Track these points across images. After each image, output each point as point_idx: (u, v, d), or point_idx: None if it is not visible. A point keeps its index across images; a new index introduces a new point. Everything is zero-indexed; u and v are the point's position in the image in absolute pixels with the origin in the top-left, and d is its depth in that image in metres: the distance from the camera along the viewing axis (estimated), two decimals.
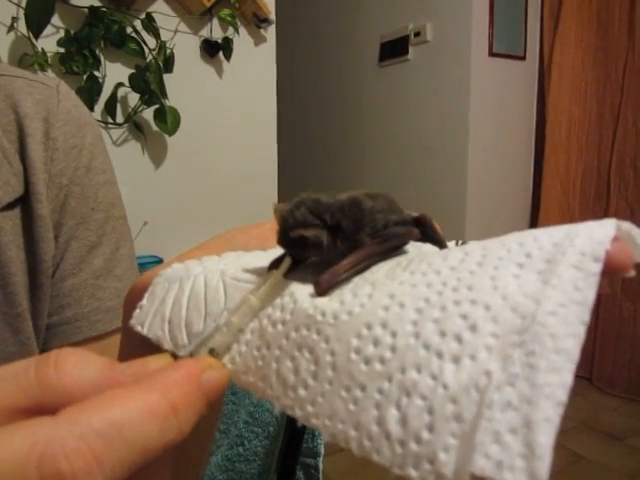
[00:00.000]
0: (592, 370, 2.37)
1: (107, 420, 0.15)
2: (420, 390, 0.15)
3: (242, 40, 1.94)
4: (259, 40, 2.00)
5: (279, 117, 2.12)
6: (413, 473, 0.15)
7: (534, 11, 2.47)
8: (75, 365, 0.17)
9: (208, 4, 1.78)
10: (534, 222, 2.52)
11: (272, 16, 1.95)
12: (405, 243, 0.21)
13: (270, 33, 2.00)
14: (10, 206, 0.40)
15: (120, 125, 1.76)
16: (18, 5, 1.53)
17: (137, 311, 0.23)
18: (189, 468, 0.31)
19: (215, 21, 1.87)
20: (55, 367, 0.17)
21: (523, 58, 2.48)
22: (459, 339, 0.16)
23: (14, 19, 1.53)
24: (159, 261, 1.72)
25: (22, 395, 0.16)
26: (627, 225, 0.17)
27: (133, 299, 0.25)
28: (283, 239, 0.20)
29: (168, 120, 1.75)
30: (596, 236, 0.16)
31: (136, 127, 1.78)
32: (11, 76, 0.43)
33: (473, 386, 0.15)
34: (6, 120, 0.41)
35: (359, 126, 2.99)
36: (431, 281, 0.18)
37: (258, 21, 1.92)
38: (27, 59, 1.55)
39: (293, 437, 0.67)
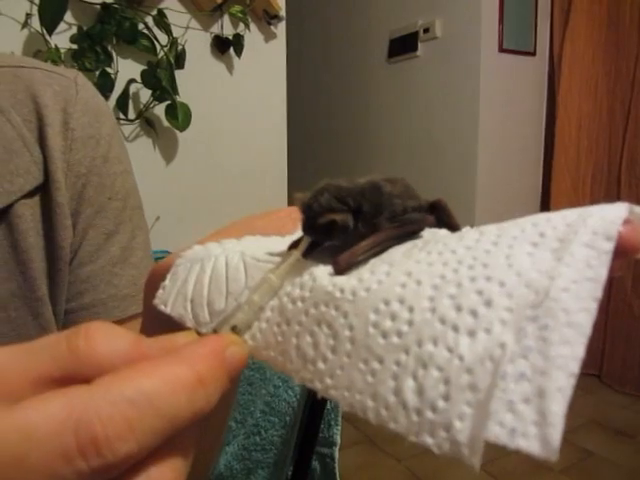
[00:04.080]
0: (602, 367, 2.36)
1: (139, 390, 0.16)
2: (436, 361, 0.16)
3: (252, 36, 1.95)
4: (269, 36, 2.00)
5: (288, 113, 2.13)
6: (429, 440, 0.15)
7: (544, 6, 2.46)
8: (105, 338, 0.18)
9: (219, 0, 1.79)
10: None
11: (282, 13, 1.96)
12: (421, 229, 0.22)
13: (280, 29, 2.01)
14: (30, 194, 0.41)
15: (132, 121, 1.77)
16: (32, 2, 1.54)
17: (160, 291, 0.24)
18: (200, 457, 0.32)
19: (226, 18, 1.88)
20: (85, 339, 0.18)
21: (533, 54, 2.47)
22: (474, 314, 0.16)
23: (28, 15, 1.54)
24: None
25: (55, 366, 0.17)
26: (638, 209, 0.18)
27: (155, 281, 0.26)
28: (308, 225, 0.21)
29: (179, 116, 1.76)
30: (608, 216, 0.17)
31: (147, 123, 1.80)
32: (30, 67, 0.44)
33: (488, 357, 0.15)
34: (26, 110, 0.42)
35: (368, 122, 2.99)
36: (447, 260, 0.18)
37: (268, 18, 1.93)
38: (40, 55, 1.57)
39: (309, 427, 0.68)
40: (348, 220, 0.20)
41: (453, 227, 0.22)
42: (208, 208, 1.97)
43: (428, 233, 0.22)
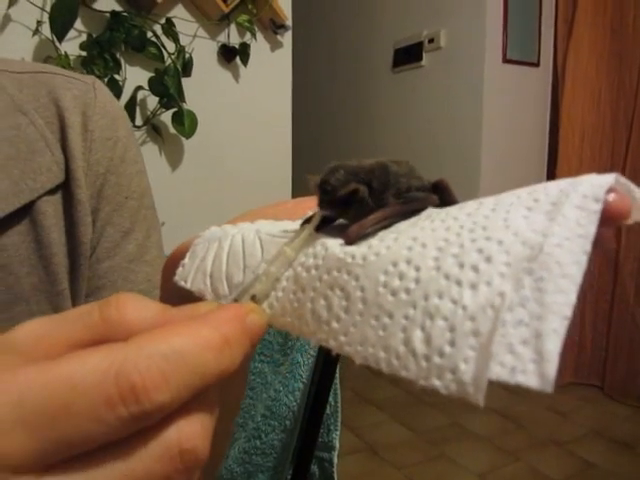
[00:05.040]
0: (604, 378, 2.35)
1: (172, 347, 0.17)
2: (442, 312, 0.17)
3: (259, 45, 1.97)
4: (276, 46, 2.03)
5: (293, 121, 2.15)
6: (437, 383, 0.17)
7: (548, 17, 2.48)
8: (134, 307, 0.19)
9: (226, 10, 1.82)
10: None
11: (289, 22, 1.99)
12: (425, 207, 0.23)
13: (286, 39, 2.04)
14: (52, 191, 0.43)
15: (139, 128, 1.79)
16: (42, 9, 1.57)
17: (180, 269, 0.26)
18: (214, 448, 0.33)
19: (233, 27, 1.91)
20: (117, 308, 0.19)
21: (537, 64, 2.49)
22: (476, 269, 0.18)
23: (39, 23, 1.57)
24: None
25: (89, 332, 0.19)
26: (625, 180, 0.19)
27: (174, 262, 0.28)
28: (326, 200, 0.22)
29: (185, 123, 1.78)
30: (596, 182, 0.19)
31: (154, 129, 1.82)
32: (51, 73, 0.46)
33: (489, 306, 0.17)
34: (48, 113, 0.44)
35: (372, 131, 3.01)
36: (450, 225, 0.20)
37: (275, 27, 1.96)
38: (50, 62, 1.59)
39: (309, 431, 0.68)
40: (365, 191, 0.22)
41: None
42: (213, 214, 1.99)
43: (433, 210, 0.23)
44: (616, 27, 2.30)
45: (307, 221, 0.23)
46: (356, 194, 0.21)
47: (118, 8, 1.69)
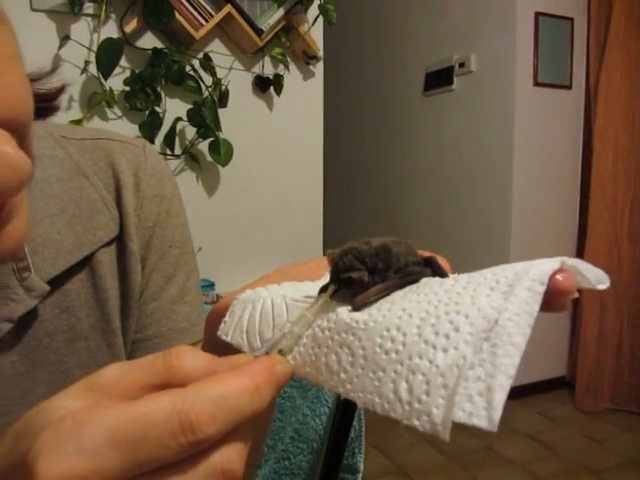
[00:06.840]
0: None
1: (217, 392, 0.23)
2: (421, 369, 0.23)
3: (292, 76, 2.05)
4: (308, 75, 2.10)
5: (326, 147, 2.21)
6: (416, 422, 0.22)
7: (579, 40, 2.49)
8: (190, 357, 0.25)
9: (261, 43, 1.90)
10: (580, 253, 2.49)
11: (320, 53, 2.06)
12: (419, 279, 0.29)
13: (318, 68, 2.11)
14: (108, 244, 0.50)
15: (178, 156, 1.88)
16: (90, 49, 1.68)
17: (222, 325, 0.32)
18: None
19: (267, 59, 1.99)
20: (177, 358, 0.25)
21: (569, 87, 2.49)
22: (447, 337, 0.23)
23: (86, 62, 1.68)
24: (211, 284, 1.83)
25: (156, 376, 0.25)
26: (571, 261, 0.24)
27: (215, 317, 0.34)
28: (335, 278, 0.28)
29: (222, 152, 1.86)
30: (545, 268, 0.23)
31: (192, 158, 1.90)
32: (108, 139, 0.54)
33: (455, 366, 0.22)
34: (106, 175, 0.51)
35: (404, 155, 3.05)
36: (431, 299, 0.25)
37: (307, 58, 2.03)
38: (96, 97, 1.70)
39: (334, 453, 0.72)
40: (363, 276, 0.28)
41: (443, 276, 0.30)
42: (247, 239, 2.06)
43: (424, 280, 0.29)
44: None
45: (324, 288, 0.29)
46: (352, 279, 0.28)
47: (159, 45, 1.79)
